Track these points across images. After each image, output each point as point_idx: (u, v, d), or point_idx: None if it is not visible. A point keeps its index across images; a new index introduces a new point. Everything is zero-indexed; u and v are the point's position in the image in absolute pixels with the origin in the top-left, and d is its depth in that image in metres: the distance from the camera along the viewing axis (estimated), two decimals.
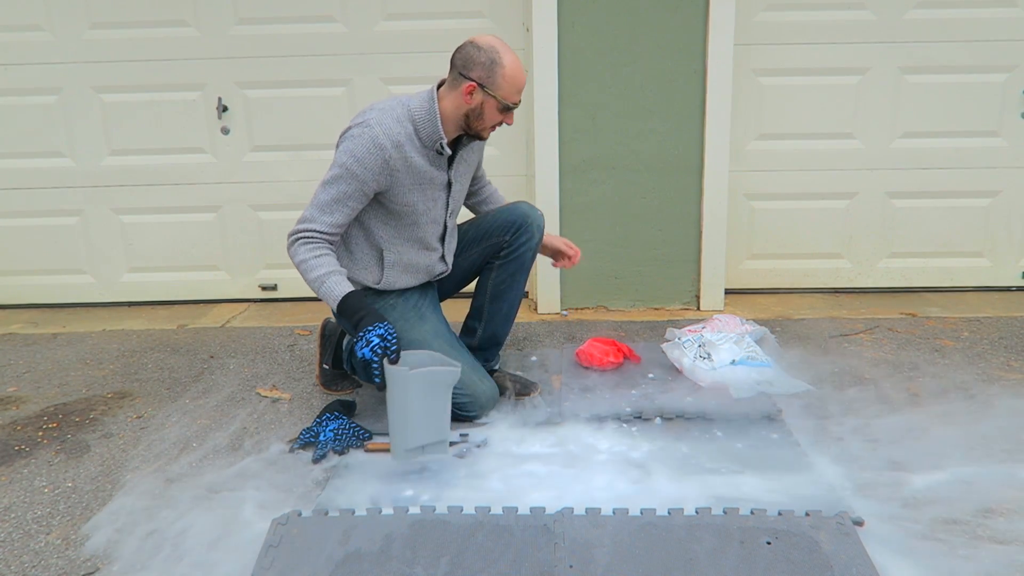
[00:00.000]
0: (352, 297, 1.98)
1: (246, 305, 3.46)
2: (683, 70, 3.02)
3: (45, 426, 2.28)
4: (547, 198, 3.10)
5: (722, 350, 2.44)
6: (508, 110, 2.08)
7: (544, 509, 1.69)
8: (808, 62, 3.20)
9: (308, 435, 2.10)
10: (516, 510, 1.69)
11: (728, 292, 3.28)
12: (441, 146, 2.09)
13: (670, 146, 3.09)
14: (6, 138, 3.32)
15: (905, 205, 3.35)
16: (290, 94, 3.27)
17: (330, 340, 2.44)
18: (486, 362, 2.41)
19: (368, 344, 1.86)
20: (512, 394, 2.31)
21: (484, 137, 2.17)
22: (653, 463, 1.94)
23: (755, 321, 2.79)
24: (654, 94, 3.04)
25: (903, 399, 2.29)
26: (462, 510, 1.69)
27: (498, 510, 1.69)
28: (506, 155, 3.24)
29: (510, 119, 2.11)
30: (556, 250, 2.47)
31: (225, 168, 3.35)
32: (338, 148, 2.09)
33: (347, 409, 2.25)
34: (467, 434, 2.09)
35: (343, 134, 2.10)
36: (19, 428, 2.28)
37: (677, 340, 2.57)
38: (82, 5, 3.19)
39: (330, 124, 3.26)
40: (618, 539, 1.59)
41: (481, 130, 2.12)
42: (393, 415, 1.84)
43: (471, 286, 2.48)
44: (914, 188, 3.32)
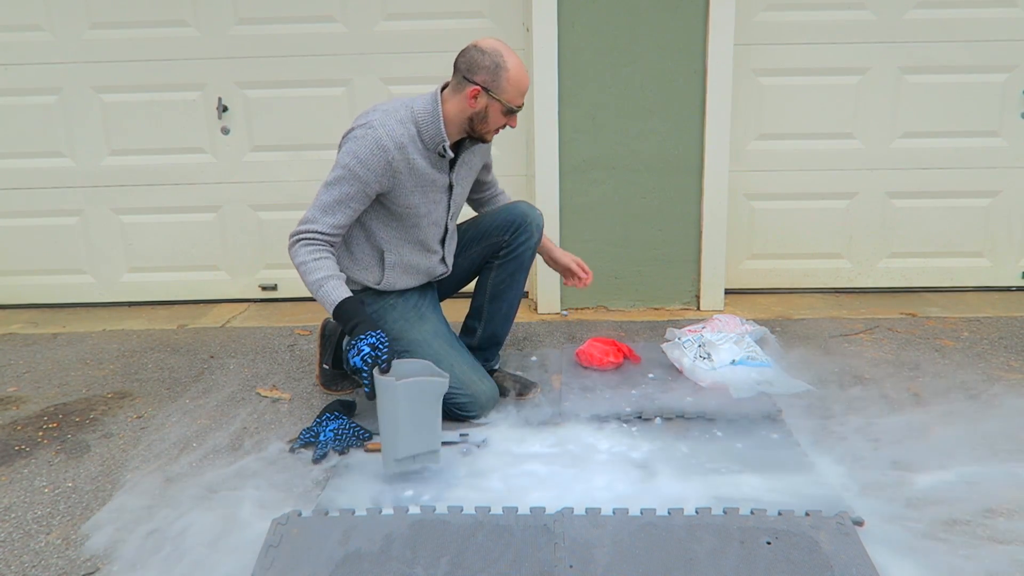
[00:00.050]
0: (348, 303, 1.97)
1: (246, 305, 3.46)
2: (683, 70, 3.02)
3: (45, 426, 2.28)
4: (547, 198, 3.11)
5: (722, 350, 2.44)
6: (512, 113, 2.09)
7: (544, 509, 1.69)
8: (808, 62, 3.20)
9: (308, 435, 2.10)
10: (516, 510, 1.69)
11: (728, 292, 3.28)
12: (443, 148, 2.09)
13: (670, 146, 3.09)
14: (6, 138, 3.32)
15: (905, 205, 3.35)
16: (290, 94, 3.27)
17: (330, 340, 2.44)
18: (486, 362, 2.41)
19: (359, 353, 1.86)
20: (514, 394, 2.31)
21: (487, 140, 2.18)
22: (653, 463, 1.94)
23: (755, 321, 2.79)
24: (654, 94, 3.04)
25: (904, 399, 2.29)
26: (462, 510, 1.69)
27: (498, 510, 1.69)
28: (506, 155, 3.24)
29: (514, 122, 2.12)
30: (567, 268, 2.47)
31: (225, 168, 3.35)
32: (341, 149, 2.08)
33: (347, 409, 2.25)
34: (467, 434, 2.09)
35: (346, 135, 2.10)
36: (19, 428, 2.28)
37: (677, 340, 2.57)
38: (82, 5, 3.19)
39: (330, 124, 3.26)
40: (618, 539, 1.59)
41: (485, 133, 2.13)
42: (383, 425, 1.83)
43: (470, 286, 2.48)
44: (914, 188, 3.32)
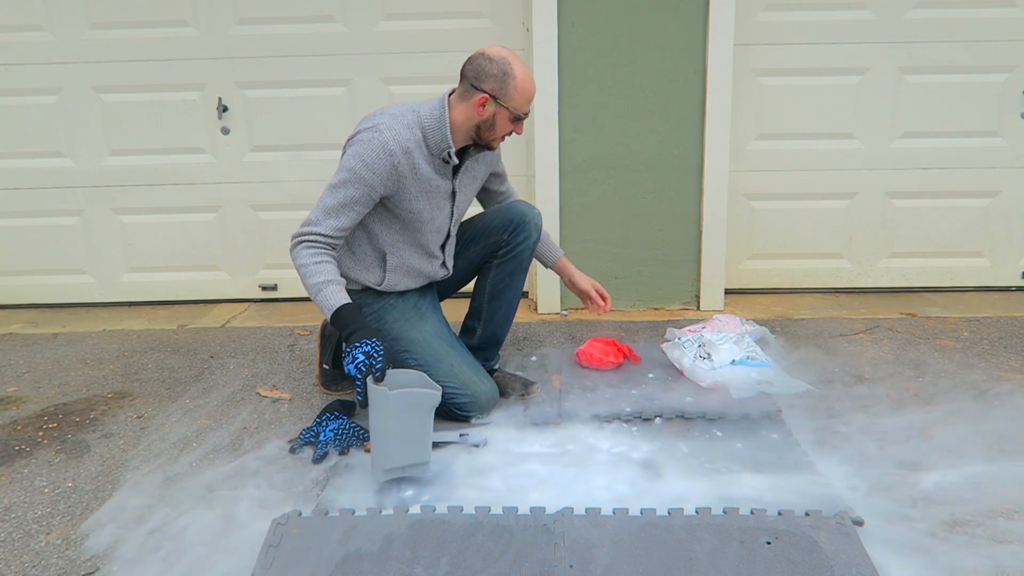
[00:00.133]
0: (346, 310, 1.96)
1: (246, 305, 3.46)
2: (683, 70, 3.02)
3: (45, 426, 2.28)
4: (547, 198, 3.11)
5: (722, 350, 2.44)
6: (519, 120, 2.10)
7: (544, 509, 1.69)
8: (808, 62, 3.20)
9: (308, 435, 2.10)
10: (516, 510, 1.69)
11: (728, 292, 3.28)
12: (448, 155, 2.09)
13: (670, 146, 3.09)
14: (6, 138, 3.32)
15: (905, 205, 3.35)
16: (290, 94, 3.27)
17: (330, 340, 2.44)
18: (486, 362, 2.41)
19: (353, 361, 1.84)
20: (514, 394, 2.31)
21: (494, 147, 2.18)
22: (653, 463, 1.93)
23: (755, 321, 2.79)
24: (654, 94, 3.04)
25: (904, 399, 2.29)
26: (462, 510, 1.69)
27: (498, 510, 1.69)
28: (506, 155, 3.20)
29: (520, 129, 2.13)
30: (585, 293, 2.49)
31: (225, 168, 3.35)
32: (346, 152, 2.08)
33: (347, 409, 2.25)
34: (467, 434, 2.09)
35: (351, 138, 2.09)
36: (19, 428, 2.28)
37: (677, 340, 2.56)
38: (82, 5, 3.19)
39: (330, 124, 3.27)
40: (618, 539, 1.59)
41: (491, 140, 2.13)
42: (373, 433, 1.83)
43: (470, 286, 2.48)
44: (914, 188, 3.32)
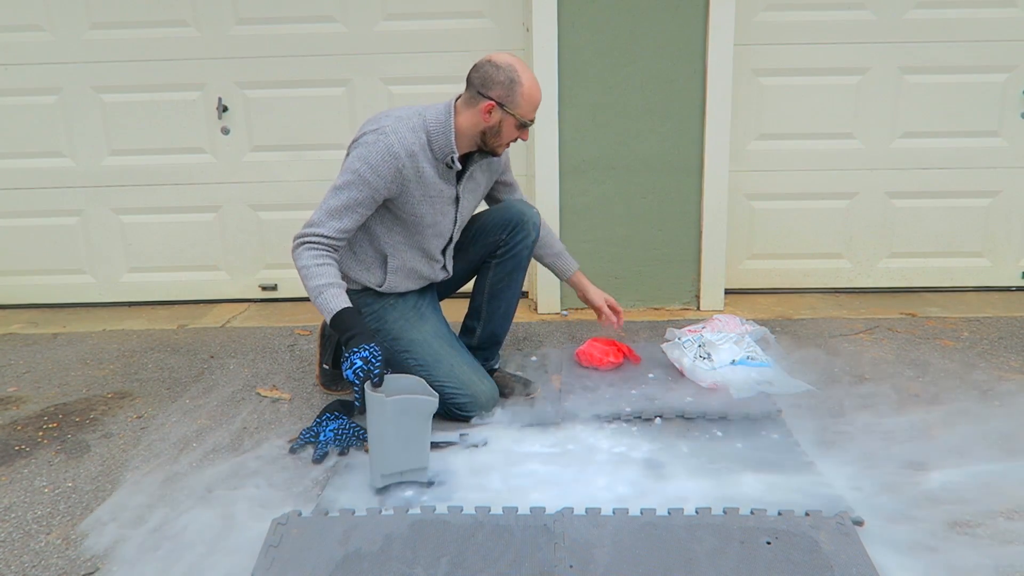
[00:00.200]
0: (345, 314, 1.95)
1: (246, 305, 3.46)
2: (683, 70, 3.02)
3: (45, 426, 2.28)
4: (547, 198, 3.10)
5: (722, 350, 2.44)
6: (525, 127, 2.10)
7: (544, 509, 1.69)
8: (808, 62, 3.20)
9: (308, 435, 2.10)
10: (516, 510, 1.69)
11: (728, 292, 3.28)
12: (452, 160, 2.09)
13: (670, 146, 3.09)
14: (6, 138, 3.32)
15: (905, 205, 3.35)
16: (290, 94, 3.27)
17: (330, 340, 2.44)
18: (486, 362, 2.41)
19: (352, 366, 1.84)
20: (514, 394, 2.31)
21: (498, 154, 2.18)
22: (653, 463, 1.93)
23: (755, 321, 2.79)
24: (654, 94, 3.04)
25: (904, 399, 2.29)
26: (462, 510, 1.69)
27: (498, 510, 1.69)
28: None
29: (525, 135, 2.13)
30: (599, 308, 2.50)
31: (225, 168, 3.35)
32: (350, 154, 2.08)
33: (347, 409, 2.24)
34: (467, 434, 2.09)
35: (356, 140, 2.09)
36: (19, 428, 2.28)
37: (677, 340, 2.56)
38: (82, 5, 3.19)
39: (330, 124, 3.27)
40: (618, 539, 1.58)
41: (497, 147, 2.13)
42: (371, 439, 1.83)
43: (469, 286, 2.48)
44: (914, 188, 3.32)
